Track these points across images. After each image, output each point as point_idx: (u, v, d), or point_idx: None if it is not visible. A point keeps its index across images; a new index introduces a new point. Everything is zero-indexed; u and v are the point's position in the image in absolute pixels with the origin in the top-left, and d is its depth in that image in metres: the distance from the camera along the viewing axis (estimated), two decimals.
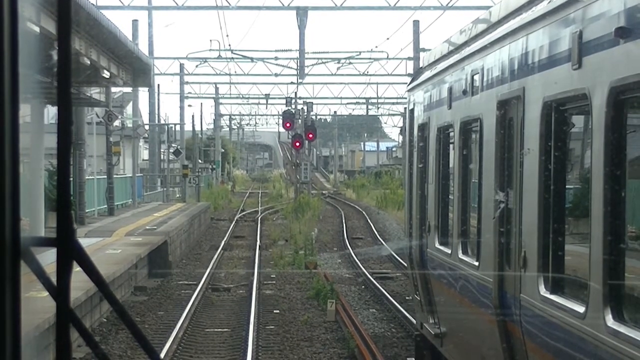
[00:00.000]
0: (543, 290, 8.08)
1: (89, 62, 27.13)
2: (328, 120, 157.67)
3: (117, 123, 49.74)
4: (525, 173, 8.72)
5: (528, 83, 8.69)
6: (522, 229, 8.79)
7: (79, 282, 2.29)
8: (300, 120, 63.87)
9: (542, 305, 8.07)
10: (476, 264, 10.59)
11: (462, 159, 11.78)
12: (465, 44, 11.88)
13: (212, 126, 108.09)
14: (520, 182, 8.93)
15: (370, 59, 69.31)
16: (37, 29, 19.41)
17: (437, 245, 13.24)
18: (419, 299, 15.13)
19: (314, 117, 76.12)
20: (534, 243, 8.32)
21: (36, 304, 10.75)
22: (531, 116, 8.50)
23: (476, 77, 10.80)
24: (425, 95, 14.47)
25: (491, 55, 10.12)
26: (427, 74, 14.42)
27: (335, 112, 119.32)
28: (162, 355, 17.68)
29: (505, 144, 9.59)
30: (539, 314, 8.21)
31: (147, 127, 65.20)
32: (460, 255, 11.53)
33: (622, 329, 6.37)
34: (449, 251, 12.30)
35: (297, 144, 61.15)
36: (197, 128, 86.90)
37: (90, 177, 43.06)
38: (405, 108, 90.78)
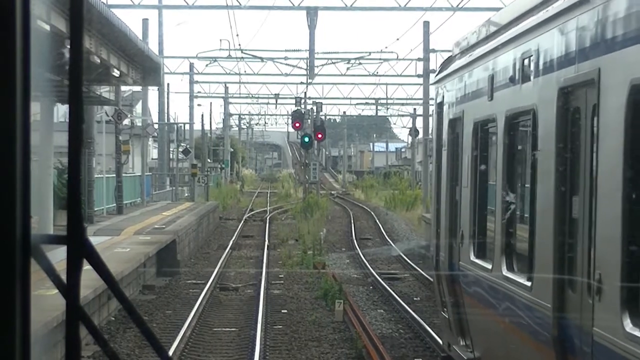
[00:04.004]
0: (629, 326, 6.44)
1: (99, 61, 27.17)
2: (337, 120, 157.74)
3: (126, 122, 49.80)
4: (602, 175, 7.09)
5: (606, 63, 7.10)
6: (597, 245, 7.13)
7: (88, 281, 2.30)
8: (309, 120, 63.90)
9: (629, 345, 6.45)
10: (528, 284, 8.89)
11: (508, 158, 10.05)
12: (513, 22, 10.11)
13: (221, 125, 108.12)
14: (594, 187, 7.28)
15: (380, 59, 69.22)
16: (47, 28, 19.44)
17: (472, 257, 11.48)
18: (447, 317, 13.41)
19: (323, 117, 76.10)
20: (614, 263, 6.71)
21: (46, 302, 10.77)
22: (611, 104, 6.98)
23: (529, 61, 9.08)
24: (457, 87, 12.77)
25: (550, 33, 8.43)
26: (459, 62, 12.75)
27: (344, 112, 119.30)
28: (170, 353, 17.70)
29: (569, 139, 7.97)
30: (623, 356, 6.57)
31: (156, 126, 65.26)
32: (505, 272, 9.75)
33: None
34: (489, 266, 10.53)
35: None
36: (207, 127, 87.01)
37: (100, 176, 43.12)
38: (415, 109, 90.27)
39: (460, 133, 12.45)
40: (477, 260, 11.25)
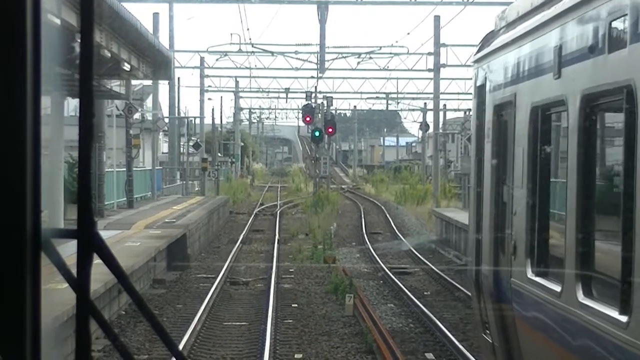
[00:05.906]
0: None
1: (109, 55, 27.18)
2: (348, 114, 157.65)
3: (137, 116, 49.87)
4: None
5: None
6: None
7: (98, 275, 2.29)
8: (320, 115, 63.88)
9: None
10: (622, 319, 6.61)
11: (585, 151, 7.74)
12: None
13: (231, 120, 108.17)
14: None
15: (390, 53, 69.23)
16: (58, 22, 19.46)
17: (530, 275, 9.11)
18: (490, 341, 11.16)
19: (333, 111, 76.09)
20: None
21: (56, 296, 10.77)
22: None
23: (620, 23, 6.85)
24: (506, 65, 10.47)
25: None
26: (508, 36, 10.53)
27: (355, 106, 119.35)
28: (180, 348, 17.71)
29: None
30: None
31: (166, 120, 65.32)
32: (583, 299, 7.46)
33: None
34: (557, 288, 8.15)
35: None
36: (217, 121, 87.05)
37: (110, 170, 43.18)
38: (425, 103, 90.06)
39: (510, 121, 10.17)
40: (537, 279, 8.95)
